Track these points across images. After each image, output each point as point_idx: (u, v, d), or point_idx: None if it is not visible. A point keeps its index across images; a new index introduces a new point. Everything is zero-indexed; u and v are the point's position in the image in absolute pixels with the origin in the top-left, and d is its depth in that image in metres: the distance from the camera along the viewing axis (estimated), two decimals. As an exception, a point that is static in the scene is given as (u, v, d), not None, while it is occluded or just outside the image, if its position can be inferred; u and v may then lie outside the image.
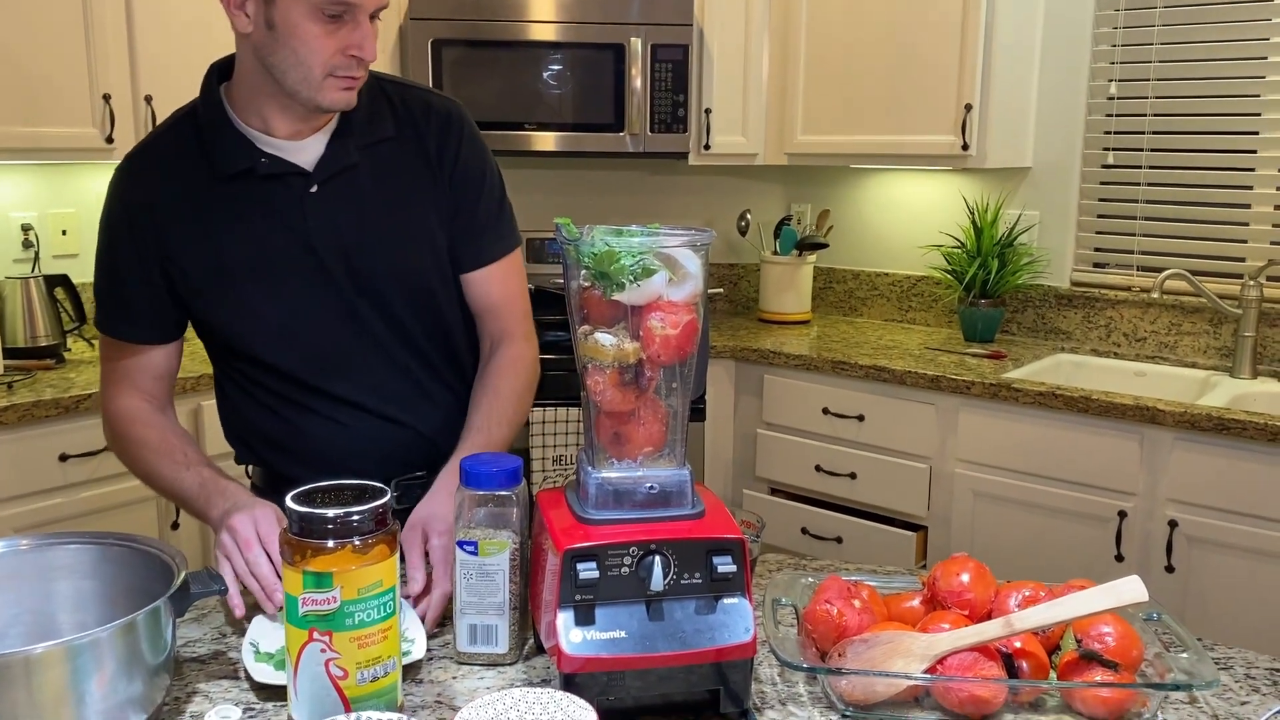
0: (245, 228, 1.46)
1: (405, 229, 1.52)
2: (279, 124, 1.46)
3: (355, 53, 1.38)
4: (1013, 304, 3.34)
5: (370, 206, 1.50)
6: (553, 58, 3.27)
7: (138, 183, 1.50)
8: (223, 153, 1.46)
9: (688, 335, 1.15)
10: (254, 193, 1.46)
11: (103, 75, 2.76)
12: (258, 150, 1.45)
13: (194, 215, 1.47)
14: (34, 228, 3.03)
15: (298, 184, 1.47)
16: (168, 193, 1.48)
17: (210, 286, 1.49)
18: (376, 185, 1.50)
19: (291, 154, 1.46)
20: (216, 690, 1.18)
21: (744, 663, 1.12)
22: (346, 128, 1.49)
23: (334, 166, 1.47)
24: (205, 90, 1.51)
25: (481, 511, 1.20)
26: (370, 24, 1.39)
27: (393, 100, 1.53)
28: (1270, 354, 2.91)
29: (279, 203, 1.46)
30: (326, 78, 1.38)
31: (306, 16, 1.35)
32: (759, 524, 1.44)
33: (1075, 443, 2.64)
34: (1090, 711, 1.11)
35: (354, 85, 1.41)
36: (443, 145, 1.53)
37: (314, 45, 1.36)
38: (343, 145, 1.48)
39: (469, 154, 1.56)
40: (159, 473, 1.49)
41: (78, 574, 1.21)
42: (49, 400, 2.45)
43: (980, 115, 3.03)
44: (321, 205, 1.47)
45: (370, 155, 1.50)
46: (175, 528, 2.72)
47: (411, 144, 1.52)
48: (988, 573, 1.24)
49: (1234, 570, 2.46)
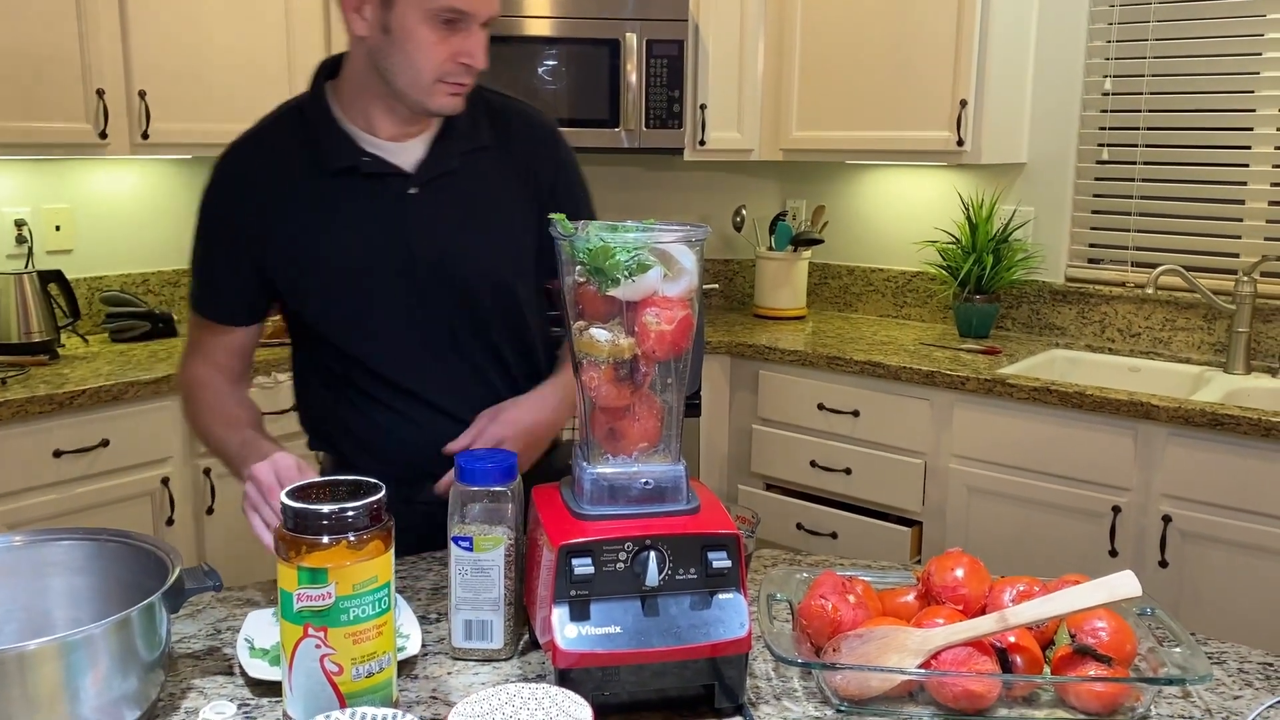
0: (343, 224, 1.49)
1: (497, 236, 1.54)
2: (383, 125, 1.49)
3: (466, 60, 1.41)
4: (1007, 300, 3.35)
5: (466, 212, 1.53)
6: (548, 53, 3.26)
7: (239, 171, 1.53)
8: (327, 149, 1.49)
9: (683, 331, 1.15)
10: (355, 190, 1.48)
11: (97, 70, 2.76)
12: (360, 149, 1.48)
13: (293, 208, 1.49)
14: (28, 223, 3.02)
15: (398, 185, 1.49)
16: (268, 183, 1.50)
17: (303, 277, 1.52)
18: (473, 192, 1.53)
19: (393, 155, 1.49)
20: (211, 686, 1.17)
21: (739, 658, 1.12)
22: (448, 134, 1.52)
23: (434, 170, 1.50)
24: (313, 86, 1.54)
25: (476, 507, 1.20)
26: (481, 32, 1.42)
27: (492, 110, 1.57)
28: (1264, 349, 2.92)
29: (378, 202, 1.49)
30: (436, 83, 1.42)
31: (422, 22, 1.38)
32: (754, 519, 1.44)
33: (1069, 438, 2.64)
34: (1084, 706, 1.12)
35: (462, 91, 1.45)
36: (538, 157, 1.57)
37: (427, 51, 1.39)
38: (444, 150, 1.51)
39: (564, 167, 1.61)
40: (212, 433, 1.54)
41: (72, 570, 1.21)
42: (43, 396, 2.44)
43: (975, 111, 3.03)
44: (420, 207, 1.50)
45: (469, 162, 1.53)
46: (170, 524, 2.72)
47: (507, 155, 1.55)
48: (982, 568, 1.24)
49: (1227, 565, 2.46)
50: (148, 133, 2.86)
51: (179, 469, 2.74)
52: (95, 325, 3.12)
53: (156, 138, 2.88)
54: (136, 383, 2.60)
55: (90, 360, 2.82)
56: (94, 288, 3.17)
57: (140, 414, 2.63)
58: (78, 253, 3.16)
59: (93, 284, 3.18)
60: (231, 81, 3.04)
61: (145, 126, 2.85)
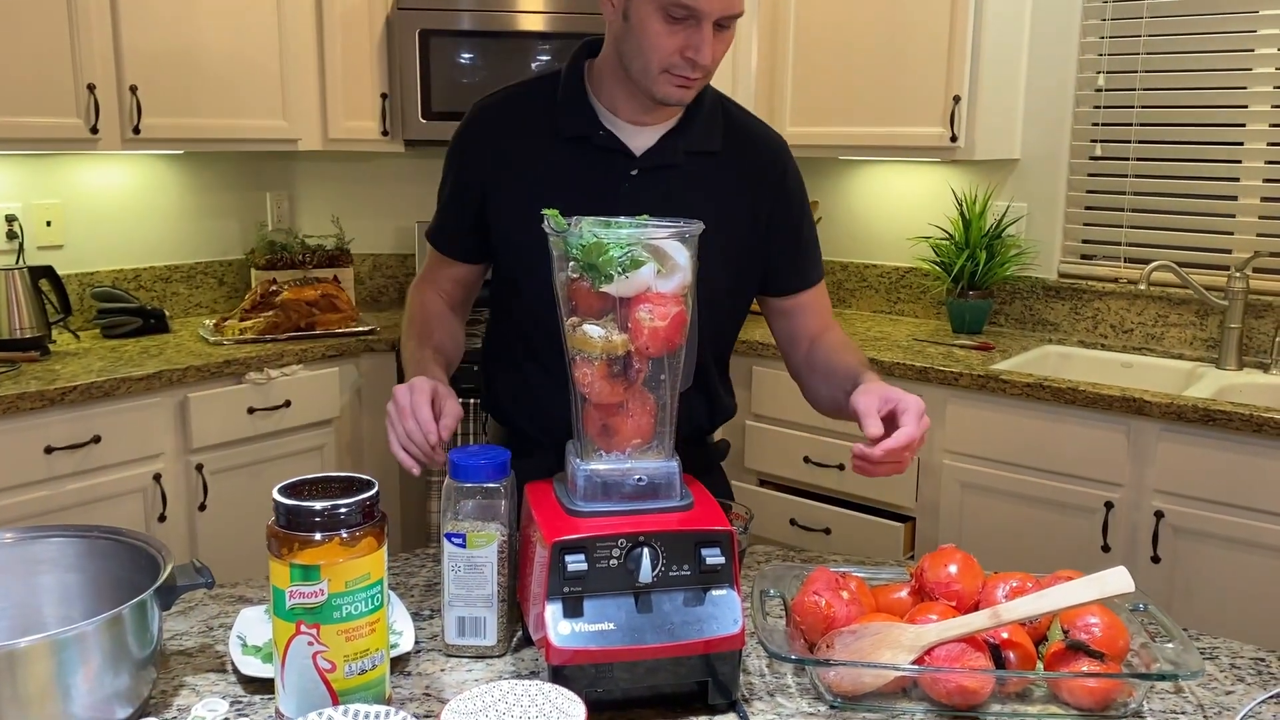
0: (562, 188, 1.53)
1: (706, 241, 1.53)
2: (623, 107, 1.54)
3: (691, 55, 1.43)
4: (1000, 295, 3.35)
5: (676, 207, 1.52)
6: (540, 48, 3.26)
7: (485, 119, 1.63)
8: (568, 116, 1.56)
9: (676, 327, 1.15)
10: (582, 160, 1.54)
11: (87, 66, 2.74)
12: (599, 123, 1.55)
13: (522, 164, 1.57)
14: (18, 219, 3.01)
15: (622, 164, 1.54)
16: (506, 137, 1.59)
17: (515, 231, 1.57)
18: (688, 190, 1.56)
19: (626, 136, 1.54)
20: (203, 683, 1.17)
21: (732, 654, 1.12)
22: (681, 130, 1.56)
23: (657, 159, 1.54)
24: (572, 60, 1.60)
25: (470, 504, 1.20)
26: (716, 31, 1.44)
27: (730, 121, 1.60)
28: (1256, 345, 2.93)
29: (600, 175, 1.54)
30: (662, 73, 1.45)
31: (653, 15, 1.42)
32: (748, 515, 1.44)
33: (1062, 434, 2.65)
34: (1077, 701, 1.12)
35: (688, 84, 1.47)
36: (766, 173, 1.60)
37: (655, 42, 1.43)
38: (671, 144, 1.55)
39: (792, 187, 1.63)
40: (407, 344, 1.66)
41: (63, 567, 1.21)
42: (34, 392, 2.44)
43: (968, 107, 3.03)
44: (636, 190, 1.54)
45: (692, 162, 1.56)
46: (162, 520, 2.71)
47: (734, 165, 1.58)
48: (975, 564, 1.24)
49: (1220, 561, 2.47)
50: (139, 128, 2.85)
51: (171, 465, 2.74)
52: (86, 321, 3.11)
53: (148, 133, 2.87)
54: (128, 379, 2.59)
55: (82, 356, 2.81)
56: (85, 283, 3.16)
57: (132, 410, 2.62)
58: (69, 248, 3.15)
59: (84, 280, 3.17)
60: (223, 76, 3.03)
61: (136, 121, 2.84)
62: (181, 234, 3.44)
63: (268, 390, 2.91)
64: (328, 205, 3.71)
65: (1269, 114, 2.91)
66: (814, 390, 1.65)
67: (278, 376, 2.92)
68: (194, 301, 3.46)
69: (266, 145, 3.22)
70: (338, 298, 3.22)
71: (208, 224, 3.51)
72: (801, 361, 1.68)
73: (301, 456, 3.01)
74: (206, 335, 3.03)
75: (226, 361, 2.81)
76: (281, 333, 3.06)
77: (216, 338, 3.00)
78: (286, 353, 2.95)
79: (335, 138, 3.30)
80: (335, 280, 3.36)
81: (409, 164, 3.71)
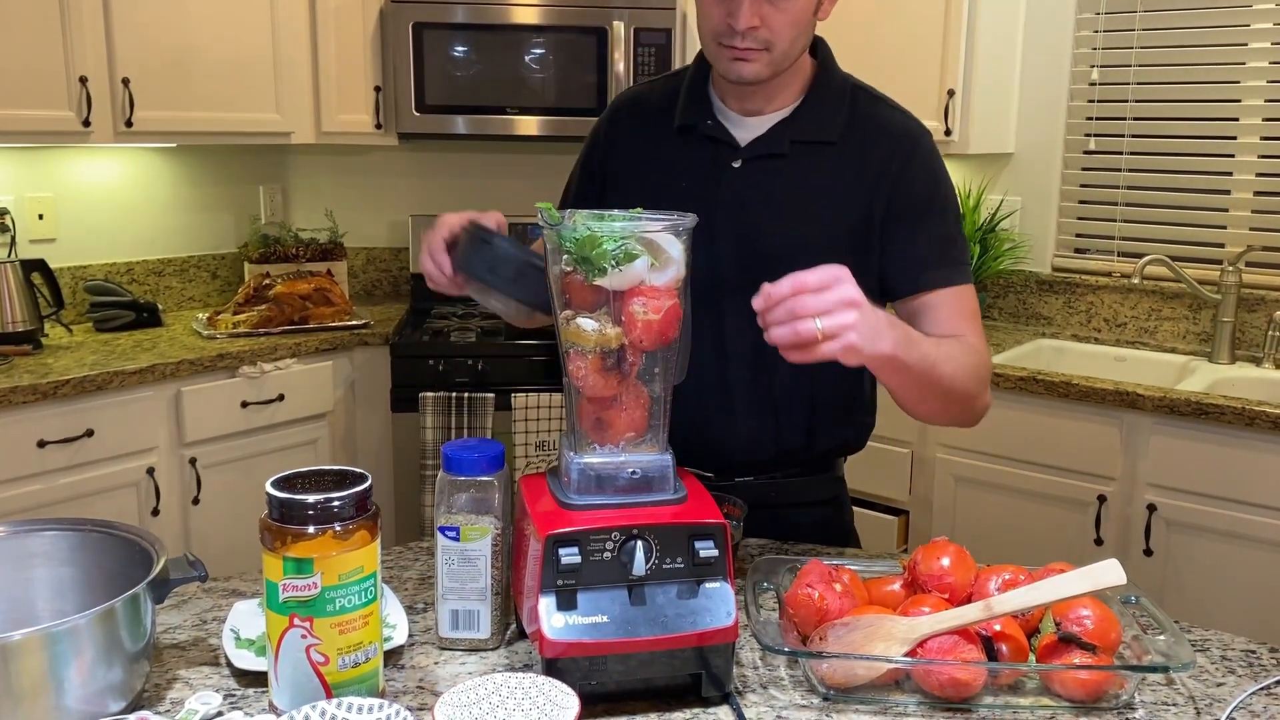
0: (668, 177, 1.54)
1: (806, 232, 1.50)
2: (729, 99, 1.54)
3: (731, 21, 1.41)
4: (994, 289, 3.36)
5: (780, 199, 1.51)
6: (535, 41, 3.25)
7: (616, 107, 1.67)
8: (684, 106, 1.56)
9: (670, 320, 1.15)
10: (691, 150, 1.54)
11: (79, 58, 2.73)
12: (710, 113, 1.54)
13: (638, 153, 1.59)
14: (10, 212, 2.99)
15: (726, 154, 1.52)
16: (631, 130, 1.61)
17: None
18: (795, 181, 1.51)
19: (735, 127, 1.53)
20: (197, 677, 1.17)
21: (726, 647, 1.12)
22: (793, 120, 1.52)
23: (761, 149, 1.52)
24: (700, 54, 1.57)
25: (463, 497, 1.20)
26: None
27: (856, 110, 1.54)
28: (1248, 339, 2.93)
29: (704, 165, 1.53)
30: (717, 46, 1.45)
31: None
32: (741, 509, 1.44)
33: (1055, 427, 2.65)
34: (1069, 693, 1.12)
35: (742, 56, 1.43)
36: (886, 166, 1.49)
37: (705, 12, 1.45)
38: (779, 134, 1.51)
39: (916, 179, 1.50)
40: None
41: (56, 560, 1.20)
42: (26, 386, 2.43)
43: (963, 101, 3.03)
44: (737, 181, 1.51)
45: (803, 152, 1.50)
46: (156, 514, 2.71)
47: (852, 156, 1.50)
48: (968, 557, 1.24)
49: (1211, 554, 2.48)
50: (131, 121, 2.84)
51: (164, 459, 2.73)
52: (79, 315, 3.10)
53: (140, 126, 2.86)
54: (121, 372, 2.59)
55: (74, 350, 2.80)
56: (78, 277, 3.15)
57: (125, 404, 2.62)
58: (61, 242, 3.14)
59: (76, 273, 3.16)
60: (216, 69, 3.02)
61: (129, 114, 2.83)
62: (174, 227, 3.43)
63: (261, 384, 2.90)
64: (321, 199, 3.70)
65: (1262, 108, 2.92)
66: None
67: (271, 370, 2.91)
68: (187, 295, 3.45)
69: (260, 138, 3.21)
70: (331, 291, 3.21)
71: (201, 217, 3.50)
72: None
73: (295, 450, 3.01)
74: (200, 329, 3.03)
75: (220, 355, 2.81)
76: (275, 326, 3.05)
77: (210, 331, 2.99)
78: (280, 346, 2.94)
79: (329, 131, 3.29)
80: (329, 274, 3.35)
81: (402, 157, 3.70)
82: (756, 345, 1.43)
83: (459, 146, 3.68)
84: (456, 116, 3.26)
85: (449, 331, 3.18)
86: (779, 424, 1.56)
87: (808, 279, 1.16)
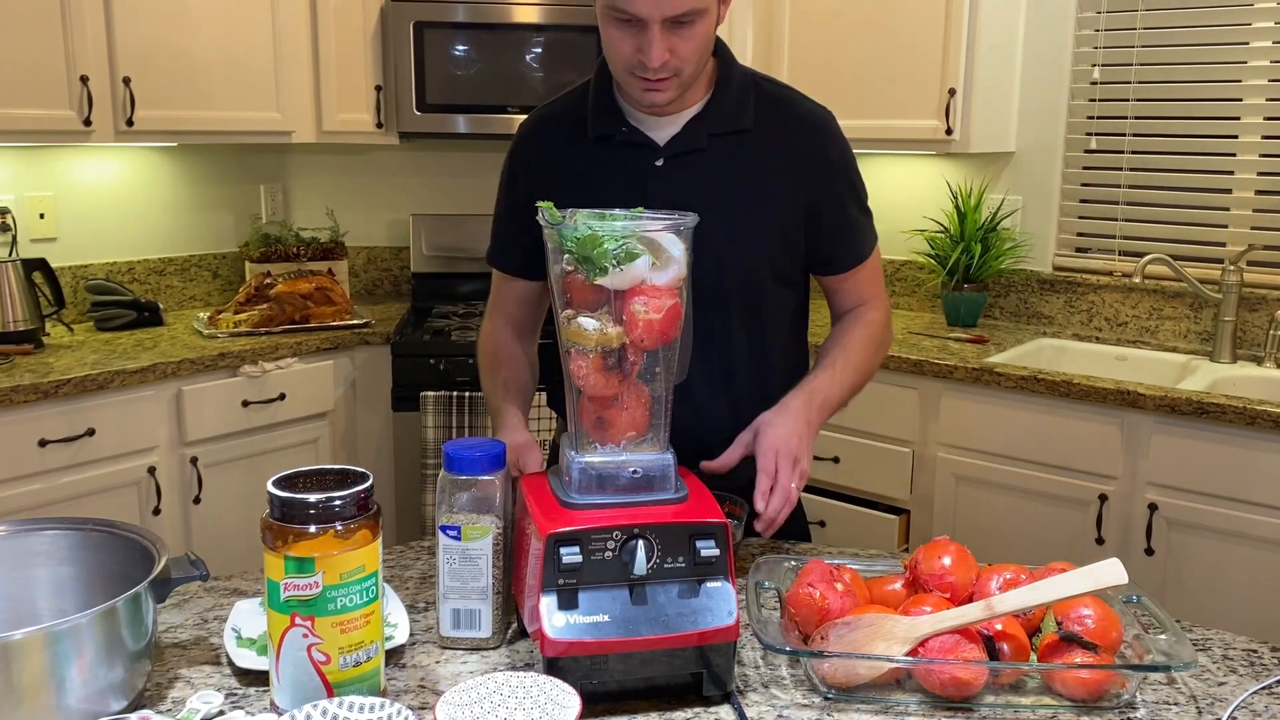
0: (594, 188, 1.54)
1: (742, 220, 1.56)
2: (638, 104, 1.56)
3: (641, 57, 1.44)
4: (995, 289, 3.35)
5: (709, 191, 1.55)
6: (535, 40, 3.25)
7: (526, 131, 1.67)
8: (595, 116, 1.58)
9: (671, 320, 1.15)
10: (610, 158, 1.57)
11: (80, 57, 2.73)
12: (623, 119, 1.57)
13: (560, 170, 1.60)
14: (11, 211, 3.00)
15: (647, 156, 1.55)
16: (546, 146, 1.63)
17: None
18: (720, 172, 1.55)
19: (650, 128, 1.56)
20: (198, 676, 1.17)
21: (727, 646, 1.12)
22: (705, 114, 1.55)
23: (681, 146, 1.55)
24: (600, 65, 1.59)
25: (465, 496, 1.20)
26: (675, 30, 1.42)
27: (764, 98, 1.60)
28: (1249, 338, 2.93)
29: (627, 171, 1.56)
30: (630, 76, 1.47)
31: (607, 22, 1.45)
32: (742, 508, 1.44)
33: (1056, 427, 2.65)
34: (1070, 693, 1.12)
35: (656, 87, 1.47)
36: (806, 147, 1.59)
37: (614, 47, 1.47)
38: (695, 129, 1.55)
39: (838, 160, 1.62)
40: (484, 384, 1.68)
41: (57, 560, 1.21)
42: (28, 385, 2.43)
43: (964, 100, 3.03)
44: (663, 180, 1.54)
45: (721, 143, 1.55)
46: (157, 513, 2.71)
47: (771, 141, 1.57)
48: (969, 556, 1.24)
49: (1212, 553, 2.48)
50: (132, 120, 2.84)
51: (165, 458, 2.73)
52: (80, 314, 3.10)
53: (141, 125, 2.86)
54: (122, 371, 2.59)
55: (75, 349, 2.80)
56: (79, 276, 3.16)
57: (126, 403, 2.62)
58: (62, 241, 3.14)
59: (77, 272, 3.16)
60: (217, 69, 3.02)
61: (130, 114, 2.83)
62: (175, 227, 3.43)
63: (262, 383, 2.90)
64: (322, 198, 3.70)
65: (1263, 107, 2.92)
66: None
67: (272, 369, 2.91)
68: (188, 294, 3.45)
69: (260, 138, 3.22)
70: (332, 290, 3.21)
71: (202, 217, 3.50)
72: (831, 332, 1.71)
73: (296, 449, 3.01)
74: (201, 328, 3.03)
75: (221, 354, 2.81)
76: (276, 325, 3.05)
77: (211, 331, 2.99)
78: (281, 346, 2.94)
79: (329, 130, 3.29)
80: (330, 273, 3.35)
81: (403, 156, 3.70)
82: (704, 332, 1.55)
83: (460, 146, 3.68)
84: (457, 116, 3.26)
85: (450, 330, 3.18)
86: (735, 407, 1.59)
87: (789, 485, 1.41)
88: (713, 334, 1.57)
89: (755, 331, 1.62)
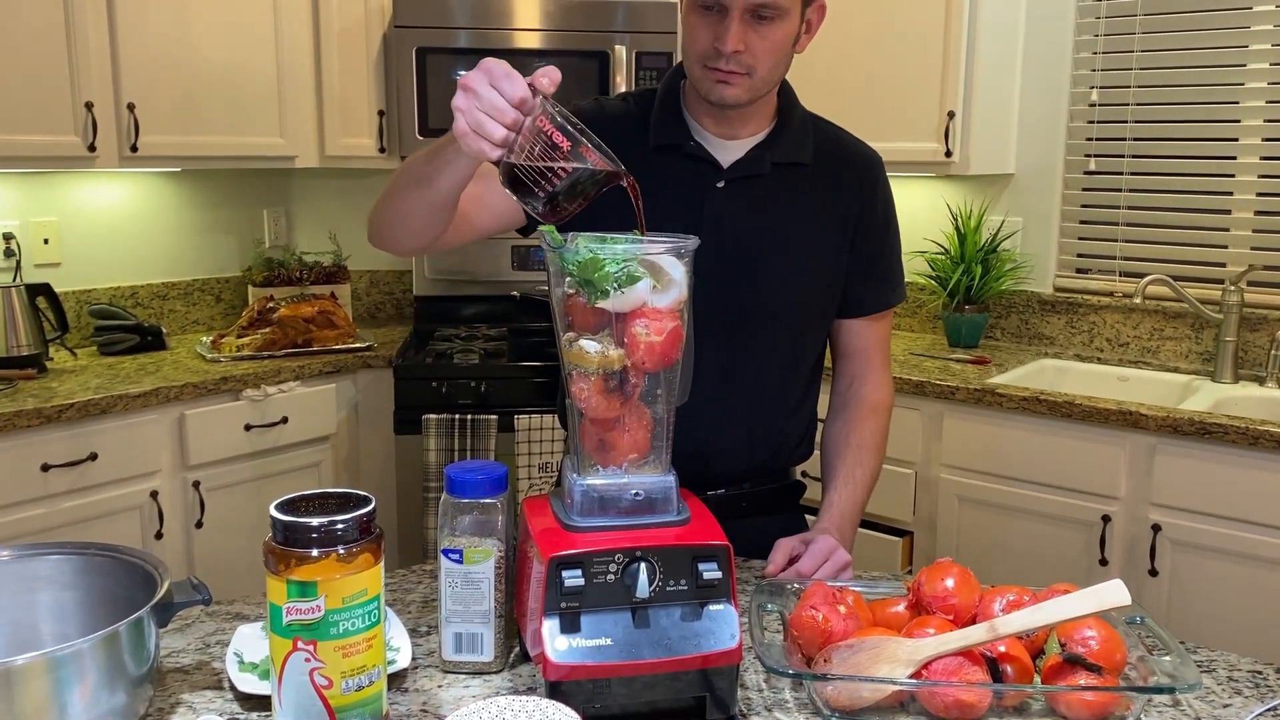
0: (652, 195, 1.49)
1: (792, 252, 1.58)
2: (707, 121, 1.58)
3: (718, 44, 1.45)
4: (996, 310, 3.36)
5: (765, 220, 1.57)
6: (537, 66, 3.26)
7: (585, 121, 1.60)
8: (661, 126, 1.58)
9: (672, 342, 1.15)
10: (673, 170, 1.56)
11: (85, 83, 2.75)
12: (690, 134, 1.58)
13: None
14: (16, 236, 3.01)
15: (710, 174, 1.57)
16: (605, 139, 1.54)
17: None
18: (778, 202, 1.58)
19: (715, 149, 1.57)
20: (200, 701, 1.17)
21: (730, 669, 1.12)
22: (769, 143, 1.59)
23: (744, 170, 1.57)
24: (669, 77, 1.63)
25: (466, 519, 1.20)
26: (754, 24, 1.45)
27: (821, 135, 1.64)
28: (1251, 358, 2.93)
29: (687, 186, 1.56)
30: (703, 69, 1.48)
31: (691, 9, 1.48)
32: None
33: (1059, 447, 2.65)
34: (1074, 715, 1.12)
35: (726, 79, 1.48)
36: (858, 188, 1.63)
37: (692, 34, 1.49)
38: (760, 155, 1.57)
39: (882, 203, 1.66)
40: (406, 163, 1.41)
41: (59, 584, 1.20)
42: (31, 410, 2.43)
43: (963, 122, 3.05)
44: (723, 201, 1.56)
45: (781, 174, 1.58)
46: (159, 537, 2.71)
47: (826, 178, 1.61)
48: (972, 577, 1.24)
49: (1217, 573, 2.47)
50: (136, 146, 2.85)
51: (168, 482, 2.73)
52: (83, 338, 3.11)
53: (145, 150, 2.88)
54: (125, 396, 2.59)
55: (78, 373, 2.81)
56: (82, 301, 3.17)
57: (129, 427, 2.62)
58: (66, 266, 3.15)
59: (81, 297, 3.17)
60: (220, 94, 3.04)
61: (134, 139, 2.85)
62: (179, 251, 3.44)
63: (265, 407, 2.91)
64: (325, 222, 3.72)
65: (1262, 128, 2.93)
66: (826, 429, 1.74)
67: (275, 393, 2.92)
68: (191, 318, 3.46)
69: (264, 163, 3.23)
70: (335, 314, 3.22)
71: (205, 241, 3.51)
72: (838, 392, 1.74)
73: (298, 473, 3.01)
74: (204, 352, 3.03)
75: (223, 378, 2.81)
76: (278, 349, 3.06)
77: (214, 354, 3.00)
78: (283, 369, 2.95)
79: (332, 155, 3.31)
80: (332, 297, 3.36)
81: (406, 180, 3.72)
82: (733, 361, 1.58)
83: (462, 169, 3.69)
84: (459, 140, 3.28)
85: (452, 353, 3.19)
86: (751, 435, 1.63)
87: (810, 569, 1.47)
88: (750, 357, 1.59)
89: (788, 361, 1.65)
